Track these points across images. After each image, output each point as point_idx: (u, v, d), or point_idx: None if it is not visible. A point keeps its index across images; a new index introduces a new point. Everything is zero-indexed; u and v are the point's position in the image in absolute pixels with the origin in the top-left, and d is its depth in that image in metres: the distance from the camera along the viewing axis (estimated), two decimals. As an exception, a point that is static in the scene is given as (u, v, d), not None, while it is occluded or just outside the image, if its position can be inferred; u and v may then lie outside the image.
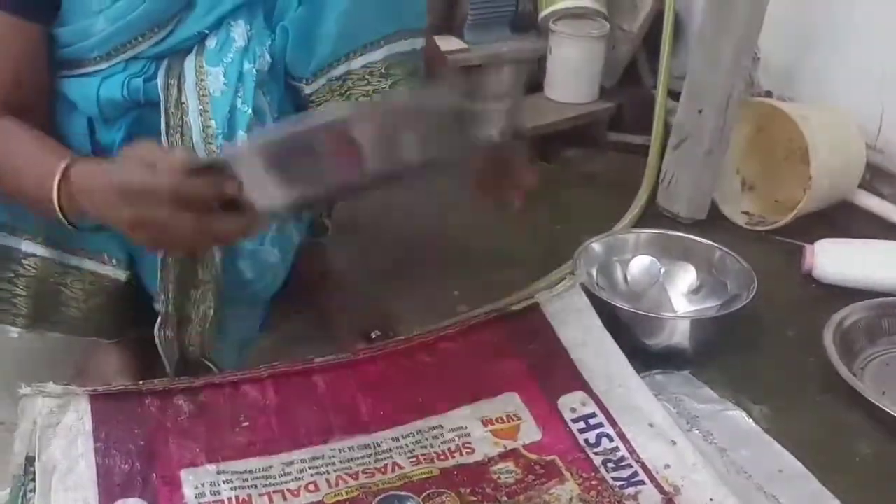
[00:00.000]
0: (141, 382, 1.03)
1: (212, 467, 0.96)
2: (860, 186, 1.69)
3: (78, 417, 0.97)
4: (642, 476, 0.99)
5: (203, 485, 0.94)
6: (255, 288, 1.11)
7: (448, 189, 1.79)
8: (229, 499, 0.93)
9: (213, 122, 0.97)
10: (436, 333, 1.17)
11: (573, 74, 1.99)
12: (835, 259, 1.45)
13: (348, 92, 1.03)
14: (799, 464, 1.05)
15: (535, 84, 2.07)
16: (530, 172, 1.03)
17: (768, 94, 1.89)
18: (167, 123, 0.98)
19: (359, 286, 1.38)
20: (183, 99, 0.98)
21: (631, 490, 0.97)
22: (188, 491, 0.93)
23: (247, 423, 1.01)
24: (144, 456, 0.95)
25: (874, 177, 1.71)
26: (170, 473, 0.94)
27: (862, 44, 1.71)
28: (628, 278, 1.39)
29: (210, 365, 1.10)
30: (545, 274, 1.43)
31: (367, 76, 1.03)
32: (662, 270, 1.39)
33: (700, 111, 1.59)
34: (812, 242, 1.48)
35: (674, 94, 1.75)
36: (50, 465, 0.92)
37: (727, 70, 1.55)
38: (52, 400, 0.97)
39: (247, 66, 0.98)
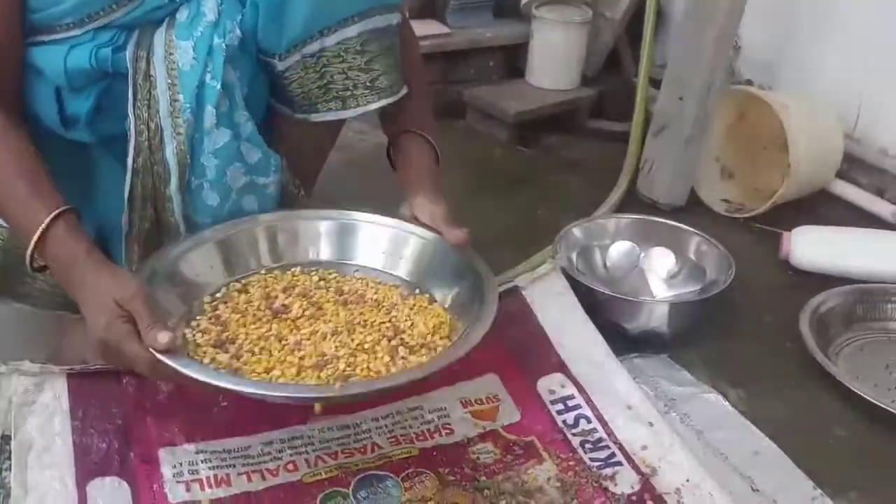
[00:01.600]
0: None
1: (190, 447, 0.96)
2: (838, 175, 1.71)
3: (55, 396, 0.96)
4: (619, 457, 1.00)
5: (181, 464, 0.93)
6: None
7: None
8: (207, 478, 0.92)
9: (181, 97, 0.96)
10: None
11: (555, 61, 1.99)
12: (811, 246, 1.46)
13: (323, 69, 1.03)
14: (774, 446, 1.07)
15: (517, 70, 2.08)
16: None
17: (749, 82, 1.90)
18: (134, 95, 0.97)
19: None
20: (151, 71, 0.97)
21: (608, 471, 0.98)
22: (166, 470, 0.92)
23: (226, 403, 1.01)
24: (122, 435, 0.95)
25: (851, 166, 1.74)
26: (148, 452, 0.94)
27: (842, 34, 1.73)
28: (607, 263, 1.40)
29: None
30: (526, 259, 1.43)
31: (342, 52, 1.02)
32: (641, 255, 1.39)
33: (680, 99, 1.60)
34: (790, 230, 1.50)
35: (655, 82, 1.76)
36: (26, 444, 0.91)
37: (708, 58, 1.56)
38: (29, 378, 0.97)
39: (216, 40, 0.97)
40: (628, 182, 1.71)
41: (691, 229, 1.37)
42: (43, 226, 0.89)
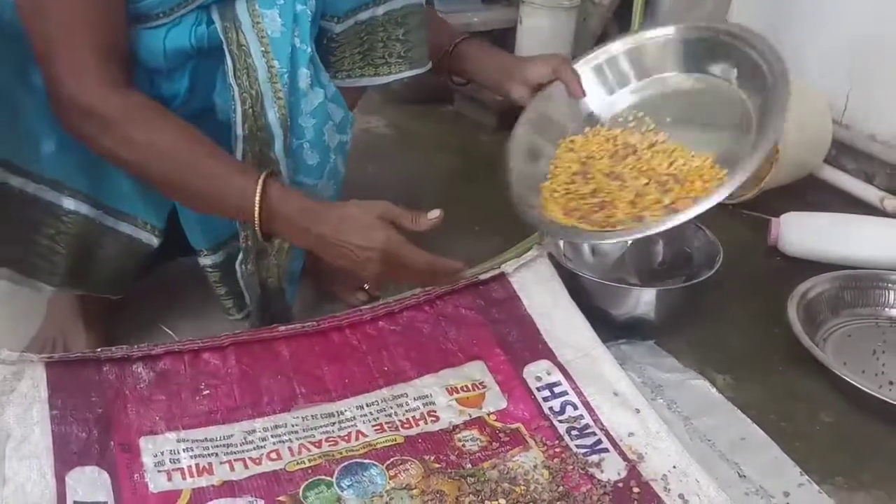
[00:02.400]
0: (99, 350, 1.01)
1: (171, 435, 0.95)
2: (826, 162, 1.71)
3: (33, 385, 0.95)
4: (606, 444, 1.00)
5: (162, 453, 0.92)
6: None
7: (418, 162, 1.79)
8: (189, 467, 0.92)
9: (276, 63, 0.99)
10: (402, 302, 1.16)
11: (543, 46, 1.96)
12: (799, 232, 1.46)
13: (367, 36, 1.10)
14: (761, 431, 1.06)
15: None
16: None
17: (737, 68, 1.89)
18: (234, 65, 0.98)
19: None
20: (242, 41, 0.98)
21: (594, 457, 0.98)
22: (147, 459, 0.91)
23: (208, 392, 1.00)
24: (102, 424, 0.94)
25: (840, 152, 1.73)
26: (128, 441, 0.93)
27: (832, 21, 1.72)
28: (595, 249, 1.39)
29: (285, 294, 1.16)
30: (513, 245, 1.42)
31: (385, 23, 1.10)
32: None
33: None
34: (778, 216, 1.49)
35: (643, 67, 1.74)
36: (3, 434, 0.90)
37: (696, 43, 1.55)
38: (6, 367, 0.95)
39: (299, 7, 1.00)
40: (616, 168, 1.70)
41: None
42: (258, 190, 0.93)
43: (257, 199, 0.93)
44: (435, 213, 0.97)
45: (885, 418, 1.10)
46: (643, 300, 1.21)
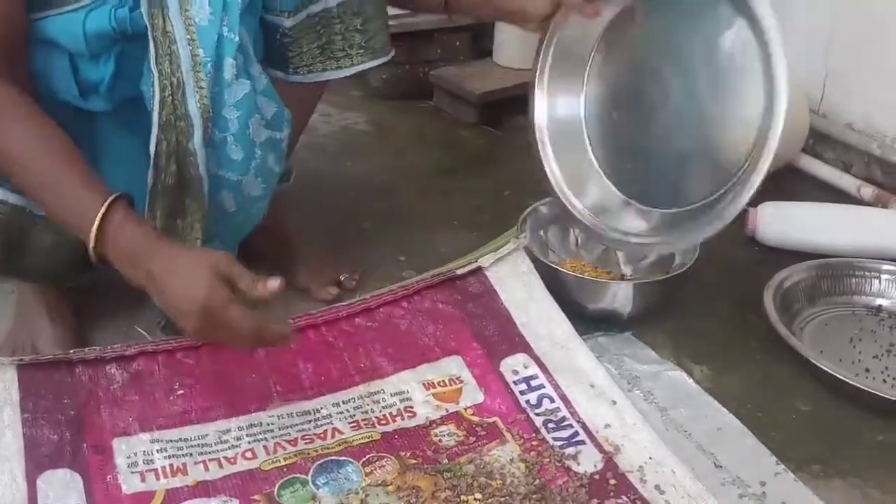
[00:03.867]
0: (72, 351, 1.00)
1: (145, 436, 0.94)
2: (804, 151, 1.71)
3: (4, 387, 0.94)
4: (583, 436, 1.00)
5: (136, 454, 0.92)
6: (236, 220, 1.10)
7: (397, 158, 1.78)
8: (163, 467, 0.91)
9: (200, 51, 0.97)
10: (379, 298, 1.16)
11: (523, 39, 1.96)
12: (776, 222, 1.46)
13: (323, 29, 1.07)
14: (737, 421, 1.06)
15: (484, 50, 2.05)
16: None
17: (716, 59, 1.89)
18: (156, 51, 0.96)
19: (314, 239, 1.38)
20: (168, 28, 0.96)
21: (571, 450, 0.98)
22: (120, 460, 0.91)
23: (182, 392, 1.00)
24: (75, 426, 0.93)
25: (817, 141, 1.73)
26: (101, 443, 0.92)
27: (807, 8, 1.72)
28: (580, 241, 1.39)
29: None
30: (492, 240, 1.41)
31: (341, 14, 1.08)
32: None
33: (645, 75, 1.58)
34: (756, 206, 1.49)
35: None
36: (-26, 438, 0.89)
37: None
38: (-23, 371, 0.94)
39: None
40: (596, 161, 1.70)
41: (657, 207, 1.36)
42: (101, 213, 0.87)
43: (98, 217, 0.87)
44: (275, 283, 0.88)
45: (861, 406, 1.10)
46: (620, 294, 1.21)
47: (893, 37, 1.58)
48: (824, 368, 1.12)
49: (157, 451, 0.93)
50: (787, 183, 1.68)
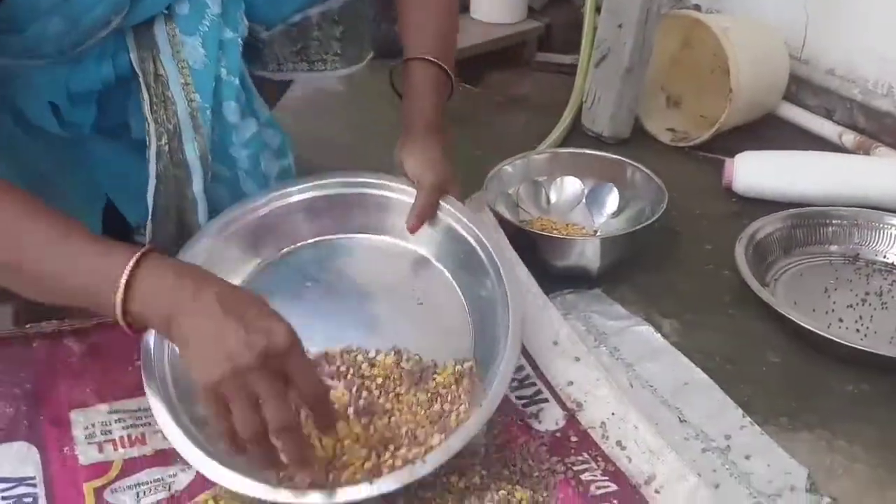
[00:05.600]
0: (28, 326, 0.99)
1: (103, 407, 0.94)
2: (785, 98, 1.68)
3: (-40, 364, 0.94)
4: (546, 394, 0.99)
5: (93, 425, 0.91)
6: None
7: (366, 117, 1.75)
8: (121, 437, 0.91)
9: (196, 96, 0.92)
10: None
11: (501, -7, 1.93)
12: (753, 172, 1.44)
13: (300, 35, 1.03)
14: (704, 375, 1.05)
15: (461, 5, 2.01)
16: None
17: (696, 7, 1.85)
18: (150, 98, 0.91)
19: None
20: (160, 71, 0.91)
21: (533, 408, 0.97)
22: (77, 432, 0.90)
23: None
24: (31, 399, 0.93)
25: (800, 88, 1.70)
26: (58, 415, 0.92)
27: (788, -48, 1.68)
28: (551, 199, 1.37)
29: None
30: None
31: (320, 23, 1.03)
32: (586, 191, 1.36)
33: (620, 26, 1.55)
34: (734, 156, 1.47)
35: (602, 12, 1.70)
36: (-72, 414, 0.89)
37: (646, -17, 1.51)
38: (-70, 348, 0.94)
39: (228, 34, 0.92)
40: (573, 116, 1.67)
41: (626, 160, 1.34)
42: (126, 275, 0.73)
43: (126, 272, 0.73)
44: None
45: (832, 357, 1.09)
46: (587, 250, 1.20)
47: (874, -22, 1.55)
48: (794, 320, 1.10)
49: (116, 420, 0.92)
50: (767, 132, 1.66)
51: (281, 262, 1.01)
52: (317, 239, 1.02)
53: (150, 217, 0.98)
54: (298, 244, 1.02)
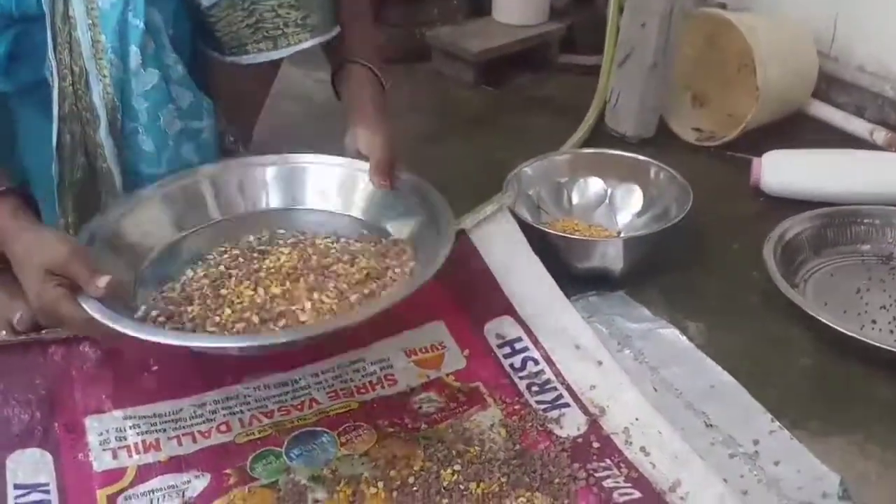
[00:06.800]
0: (44, 332, 0.99)
1: (118, 413, 0.93)
2: (814, 96, 1.64)
3: (-26, 370, 0.94)
4: (567, 398, 0.97)
5: (108, 431, 0.91)
6: None
7: (391, 120, 1.74)
8: (136, 444, 0.90)
9: (102, 37, 0.93)
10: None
11: (524, -6, 1.91)
12: (782, 171, 1.40)
13: (252, 6, 1.00)
14: (731, 379, 1.02)
15: (482, 8, 2.00)
16: None
17: (722, 5, 1.82)
18: (54, 38, 0.93)
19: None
20: (70, 12, 0.92)
21: (554, 413, 0.95)
22: (92, 438, 0.90)
23: (157, 367, 0.98)
24: (46, 405, 0.92)
25: (829, 85, 1.66)
26: (73, 421, 0.91)
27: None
28: (573, 200, 1.34)
29: None
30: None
31: (276, 8, 1.01)
32: (609, 192, 1.34)
33: (643, 25, 1.52)
34: (760, 155, 1.43)
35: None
36: (-56, 420, 0.89)
37: (670, -19, 1.48)
38: (-53, 354, 0.94)
39: None
40: (596, 117, 1.65)
41: (650, 160, 1.31)
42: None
43: None
44: (104, 280, 0.84)
45: (865, 360, 1.05)
46: (609, 251, 1.17)
47: (905, -28, 1.51)
48: (825, 322, 1.07)
49: (130, 427, 0.91)
50: (797, 130, 1.62)
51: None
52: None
53: (55, 160, 0.98)
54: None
